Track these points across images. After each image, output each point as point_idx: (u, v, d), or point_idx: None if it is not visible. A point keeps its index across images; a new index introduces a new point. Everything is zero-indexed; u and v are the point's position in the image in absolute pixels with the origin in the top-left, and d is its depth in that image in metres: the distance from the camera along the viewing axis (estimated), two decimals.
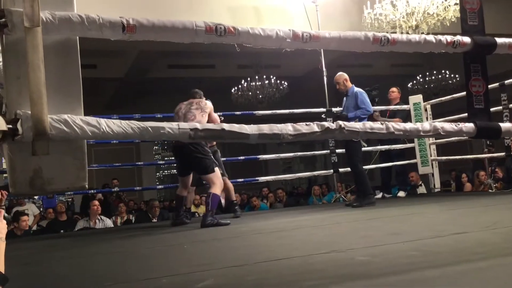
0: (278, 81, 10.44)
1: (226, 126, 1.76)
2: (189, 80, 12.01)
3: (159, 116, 6.46)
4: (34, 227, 6.98)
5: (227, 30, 1.78)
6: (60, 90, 1.60)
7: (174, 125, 1.70)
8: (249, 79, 10.49)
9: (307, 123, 1.87)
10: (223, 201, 7.14)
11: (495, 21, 8.36)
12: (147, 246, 3.46)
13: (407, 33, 7.24)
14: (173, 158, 4.87)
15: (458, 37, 2.11)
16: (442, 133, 2.03)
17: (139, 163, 9.14)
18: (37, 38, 1.55)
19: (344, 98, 5.51)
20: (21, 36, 1.56)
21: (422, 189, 7.69)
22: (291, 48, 1.91)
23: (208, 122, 4.51)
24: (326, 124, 1.89)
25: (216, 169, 4.47)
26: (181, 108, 4.64)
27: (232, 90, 10.77)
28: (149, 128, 1.66)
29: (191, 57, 10.35)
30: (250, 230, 3.84)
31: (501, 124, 2.16)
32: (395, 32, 7.28)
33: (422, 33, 7.12)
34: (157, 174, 15.40)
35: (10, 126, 1.51)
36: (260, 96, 10.31)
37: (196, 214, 7.57)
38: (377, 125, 1.96)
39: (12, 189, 1.55)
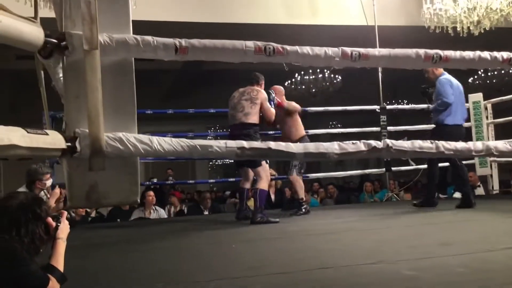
0: (332, 75, 10.35)
1: (273, 145, 1.80)
2: (243, 72, 12.07)
3: (212, 111, 6.59)
4: (93, 214, 7.29)
5: (276, 50, 1.81)
6: (116, 109, 1.69)
7: (221, 143, 1.75)
8: (302, 72, 10.45)
9: (354, 141, 1.87)
10: (272, 196, 7.22)
11: None
12: (198, 242, 3.55)
13: (468, 28, 6.97)
14: None
15: None
16: (495, 153, 1.98)
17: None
18: (96, 60, 1.63)
19: None
20: (81, 58, 1.66)
21: (480, 190, 7.44)
22: (339, 67, 1.91)
23: (261, 112, 4.47)
24: (373, 143, 1.88)
25: (263, 163, 4.44)
26: (234, 96, 4.62)
27: (286, 83, 10.76)
28: (198, 147, 1.72)
29: None
30: (299, 230, 3.85)
31: None
32: (456, 28, 7.02)
33: (485, 29, 6.84)
34: (210, 163, 15.70)
35: (69, 144, 1.61)
36: (314, 90, 10.26)
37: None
38: (426, 144, 1.93)
39: (70, 202, 1.65)
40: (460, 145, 1.99)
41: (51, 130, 1.61)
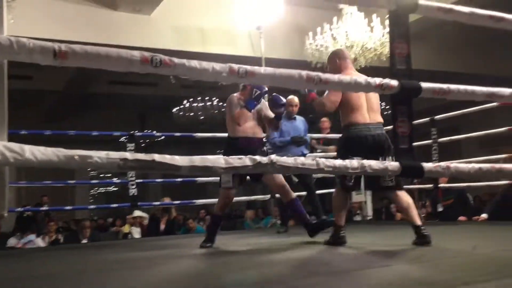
0: (221, 104, 10.50)
1: (157, 157, 1.75)
2: (130, 97, 11.82)
3: (95, 133, 6.27)
4: None
5: (163, 62, 1.78)
6: None
7: (102, 154, 1.67)
8: (191, 99, 10.48)
9: (239, 156, 1.90)
10: (162, 226, 7.02)
11: (427, 59, 8.88)
12: (64, 269, 3.32)
13: None
14: (108, 177, 4.73)
15: (387, 80, 2.21)
16: (369, 170, 2.11)
17: (71, 181, 8.83)
18: None
19: (287, 122, 5.46)
20: None
21: (358, 217, 7.94)
22: (227, 82, 1.94)
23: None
24: (258, 158, 1.92)
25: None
26: None
27: (174, 110, 10.70)
28: (76, 157, 1.62)
29: (133, 74, 10.21)
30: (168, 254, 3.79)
31: (424, 164, 2.27)
32: None
33: (360, 66, 7.42)
34: (91, 191, 14.92)
35: None
36: (202, 117, 10.31)
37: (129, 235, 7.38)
38: (308, 161, 2.01)
39: None
40: (338, 162, 2.09)
41: None
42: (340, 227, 3.49)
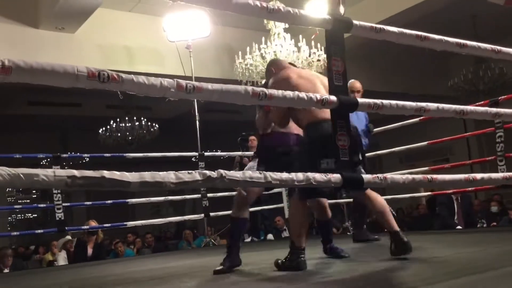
0: (149, 123, 10.32)
1: (106, 174, 1.71)
2: (52, 118, 11.35)
3: (18, 156, 5.96)
4: None
5: (111, 77, 1.76)
6: None
7: (49, 172, 1.61)
8: (118, 120, 10.22)
9: (189, 171, 1.89)
10: (90, 250, 6.75)
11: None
12: None
13: None
14: (29, 201, 4.46)
15: (326, 96, 2.32)
16: (313, 182, 2.18)
17: None
18: None
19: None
20: None
21: (286, 233, 8.07)
22: (175, 98, 1.95)
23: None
24: (207, 172, 1.92)
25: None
26: None
27: (100, 131, 10.39)
28: (21, 175, 1.55)
29: (54, 94, 9.81)
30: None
31: (364, 176, 2.38)
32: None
33: None
34: (9, 218, 14.02)
35: None
36: (130, 138, 10.07)
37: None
38: (255, 174, 2.05)
39: None
40: (284, 175, 2.14)
41: None
42: (300, 248, 2.85)
